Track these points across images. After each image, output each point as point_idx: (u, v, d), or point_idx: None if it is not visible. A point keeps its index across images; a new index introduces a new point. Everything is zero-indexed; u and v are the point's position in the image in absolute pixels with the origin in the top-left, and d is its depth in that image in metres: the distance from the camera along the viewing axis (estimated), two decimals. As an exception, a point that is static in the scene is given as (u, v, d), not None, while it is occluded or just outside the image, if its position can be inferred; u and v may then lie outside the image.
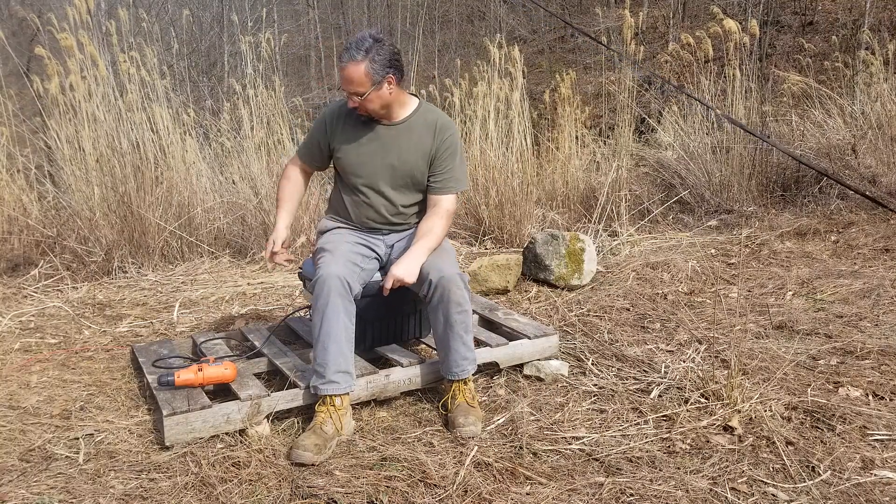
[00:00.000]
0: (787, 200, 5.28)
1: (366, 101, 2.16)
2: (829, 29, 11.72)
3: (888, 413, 2.14)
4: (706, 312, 3.14)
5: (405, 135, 2.27)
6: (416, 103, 2.31)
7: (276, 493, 1.80)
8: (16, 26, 10.43)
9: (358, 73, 2.12)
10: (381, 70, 2.12)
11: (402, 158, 2.27)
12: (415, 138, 2.27)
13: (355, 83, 2.13)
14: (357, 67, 2.11)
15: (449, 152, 2.29)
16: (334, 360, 2.09)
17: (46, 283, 3.90)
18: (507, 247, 4.52)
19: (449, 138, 2.29)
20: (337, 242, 2.28)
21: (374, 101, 2.18)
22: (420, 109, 2.30)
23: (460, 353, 2.21)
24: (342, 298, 2.10)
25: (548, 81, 10.97)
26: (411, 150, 2.27)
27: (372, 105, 2.18)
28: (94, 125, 4.10)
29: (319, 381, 2.10)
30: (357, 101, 2.16)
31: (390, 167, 2.28)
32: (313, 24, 21.58)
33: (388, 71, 2.14)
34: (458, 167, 2.33)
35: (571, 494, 1.79)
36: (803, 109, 6.19)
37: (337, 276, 2.09)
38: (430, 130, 2.28)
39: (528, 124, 4.88)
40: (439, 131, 2.27)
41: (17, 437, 2.12)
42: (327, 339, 2.09)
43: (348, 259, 2.21)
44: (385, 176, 2.29)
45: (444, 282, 2.13)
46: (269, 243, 2.35)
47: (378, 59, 2.11)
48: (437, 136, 2.28)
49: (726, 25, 5.17)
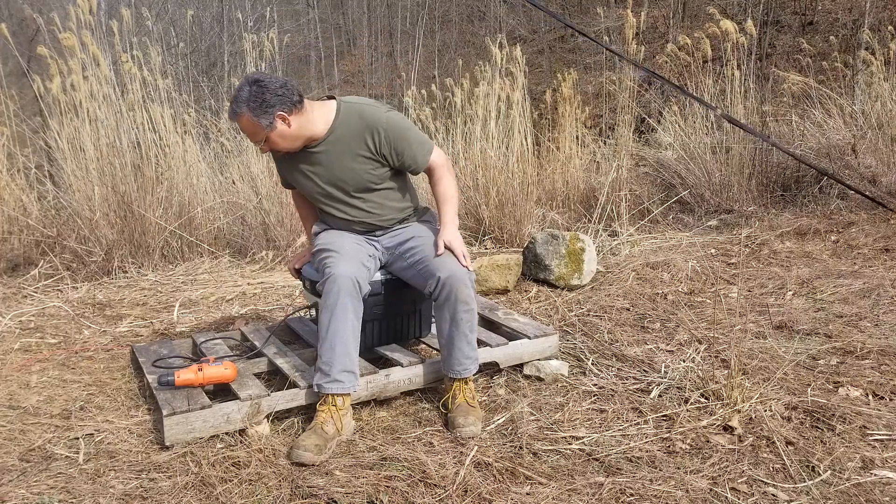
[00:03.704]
0: (787, 200, 5.28)
1: (269, 145, 2.14)
2: (829, 29, 11.72)
3: (888, 413, 2.15)
4: (706, 312, 3.14)
5: (336, 148, 2.20)
6: (333, 110, 2.20)
7: (276, 493, 1.80)
8: (16, 26, 10.42)
9: (246, 125, 2.10)
10: (266, 114, 2.06)
11: (345, 170, 2.22)
12: (347, 148, 2.20)
13: (250, 134, 2.12)
14: (243, 121, 2.08)
15: (395, 138, 2.19)
16: (340, 359, 2.09)
17: (46, 283, 3.90)
18: (507, 247, 4.52)
19: (385, 130, 2.18)
20: (341, 242, 2.27)
21: (278, 141, 2.13)
22: (340, 116, 2.19)
23: (464, 351, 2.21)
24: (352, 298, 2.10)
25: (548, 81, 10.97)
26: (348, 160, 2.21)
27: (279, 146, 2.15)
28: (94, 125, 4.10)
29: (324, 379, 2.10)
30: (263, 146, 2.15)
31: (338, 182, 2.25)
32: (313, 24, 21.58)
33: (274, 110, 2.06)
34: (414, 139, 2.24)
35: (571, 494, 1.79)
36: (803, 109, 6.19)
37: (348, 275, 2.09)
38: (360, 136, 2.18)
39: (529, 124, 4.88)
40: (371, 132, 2.17)
41: (17, 437, 2.12)
42: (335, 338, 2.09)
43: (357, 259, 2.21)
44: (339, 191, 2.27)
45: (452, 280, 2.13)
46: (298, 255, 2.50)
47: (259, 104, 2.04)
48: (374, 138, 2.18)
49: (723, 26, 5.18)
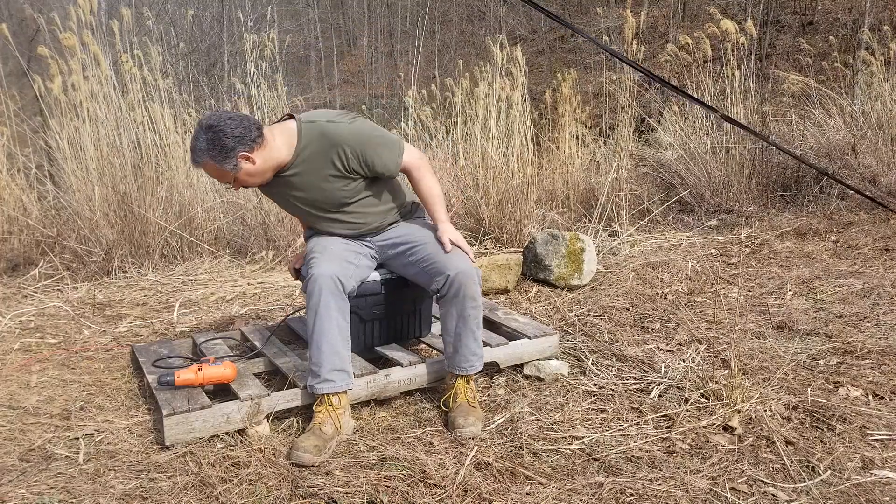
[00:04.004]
0: (787, 200, 5.28)
1: (239, 184, 2.13)
2: (829, 29, 11.72)
3: (888, 413, 2.14)
4: (706, 312, 3.14)
5: (306, 171, 2.17)
6: (294, 132, 2.13)
7: (276, 493, 1.80)
8: (16, 26, 10.42)
9: (211, 171, 2.09)
10: (227, 158, 2.03)
11: (319, 191, 2.21)
12: (316, 170, 2.16)
13: (217, 178, 2.11)
14: (206, 168, 2.07)
15: (362, 150, 2.14)
16: (328, 358, 2.09)
17: (46, 283, 3.90)
18: (507, 247, 4.52)
19: (350, 146, 2.12)
20: (325, 244, 2.28)
21: (247, 179, 2.11)
22: (303, 138, 2.13)
23: (471, 348, 2.21)
24: (334, 297, 2.10)
25: (548, 81, 10.97)
26: (320, 181, 2.19)
27: (248, 183, 2.13)
28: (95, 125, 4.11)
29: (315, 380, 2.10)
30: (233, 187, 2.15)
31: (315, 202, 2.25)
32: (313, 24, 21.59)
33: (235, 153, 2.02)
34: (382, 145, 2.18)
35: (571, 494, 1.79)
36: (803, 109, 6.19)
37: (328, 274, 2.09)
38: (327, 156, 2.13)
39: (529, 124, 4.88)
40: (337, 150, 2.12)
41: (17, 437, 2.12)
42: (321, 338, 2.09)
43: (340, 257, 2.21)
44: (318, 210, 2.27)
45: (461, 277, 2.13)
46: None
47: (219, 151, 2.01)
48: (340, 156, 2.13)
49: (723, 26, 5.18)
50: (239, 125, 2.02)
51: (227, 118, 2.03)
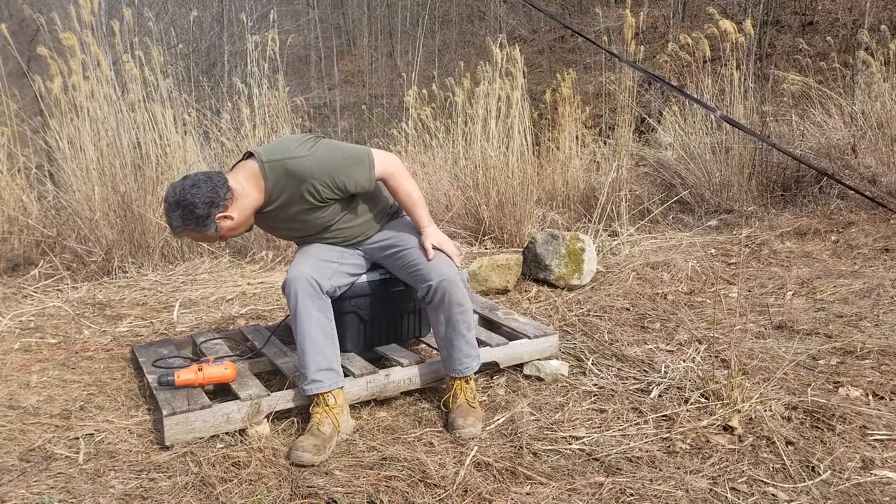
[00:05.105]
0: (787, 200, 5.28)
1: (223, 239, 2.16)
2: (829, 29, 11.72)
3: (888, 413, 2.15)
4: (706, 312, 3.14)
5: (282, 204, 2.16)
6: (258, 173, 2.09)
7: (276, 493, 1.80)
8: (16, 26, 10.42)
9: (195, 238, 2.12)
10: (206, 225, 2.03)
11: (299, 222, 2.24)
12: (291, 204, 2.16)
13: (203, 241, 2.15)
14: (188, 235, 2.09)
15: (331, 178, 2.11)
16: (313, 359, 2.10)
17: (46, 283, 3.90)
18: (507, 247, 4.52)
19: (317, 178, 2.09)
20: (309, 247, 2.31)
21: (231, 232, 2.13)
22: (269, 179, 2.09)
23: (463, 350, 2.21)
24: (311, 297, 2.11)
25: (548, 81, 10.97)
26: (298, 214, 2.20)
27: (234, 234, 2.15)
28: (95, 125, 4.10)
29: (303, 382, 2.12)
30: (221, 241, 2.17)
31: (299, 230, 2.28)
32: (313, 24, 21.59)
33: (212, 218, 2.03)
34: (350, 165, 2.13)
35: (571, 494, 1.79)
36: (803, 109, 6.19)
37: (303, 276, 2.11)
38: (299, 193, 2.11)
39: (529, 124, 4.89)
40: (306, 186, 2.09)
41: (17, 437, 2.12)
42: (304, 340, 2.11)
43: (318, 257, 2.23)
44: (303, 234, 2.30)
45: (445, 283, 2.14)
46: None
47: (196, 221, 2.02)
48: (310, 190, 2.10)
49: (723, 26, 5.18)
50: (206, 190, 2.00)
51: (189, 188, 2.00)
